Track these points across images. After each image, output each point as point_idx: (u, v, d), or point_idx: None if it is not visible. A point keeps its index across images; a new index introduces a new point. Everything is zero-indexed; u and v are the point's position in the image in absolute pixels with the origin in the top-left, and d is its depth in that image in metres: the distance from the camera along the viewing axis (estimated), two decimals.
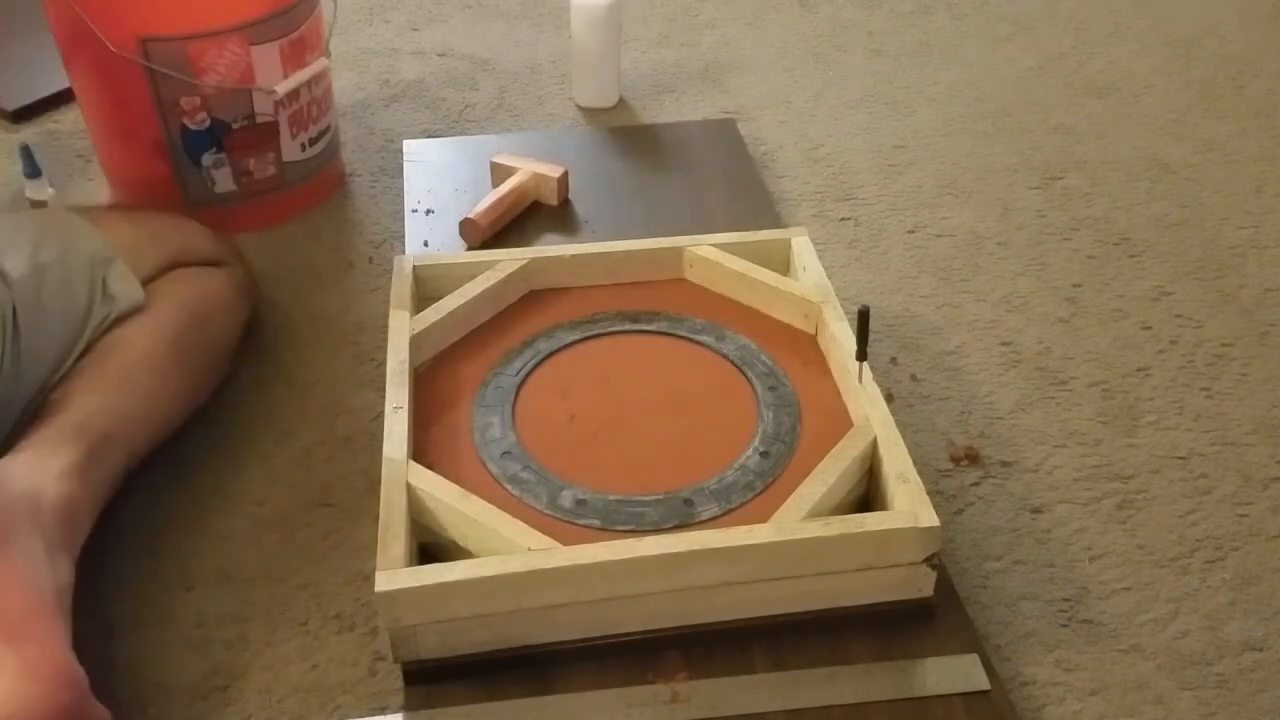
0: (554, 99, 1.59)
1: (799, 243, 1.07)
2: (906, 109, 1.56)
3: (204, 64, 1.18)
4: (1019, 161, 1.44)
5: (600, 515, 0.83)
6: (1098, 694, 0.83)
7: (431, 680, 0.79)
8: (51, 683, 0.71)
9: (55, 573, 0.77)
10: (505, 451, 0.88)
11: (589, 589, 0.77)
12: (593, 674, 0.79)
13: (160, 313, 0.97)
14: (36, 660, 0.71)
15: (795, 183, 1.40)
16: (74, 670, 0.73)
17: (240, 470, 0.99)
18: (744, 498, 0.85)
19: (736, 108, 1.57)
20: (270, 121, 1.25)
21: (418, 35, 1.76)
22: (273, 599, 0.88)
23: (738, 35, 1.77)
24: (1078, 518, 0.96)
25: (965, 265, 1.26)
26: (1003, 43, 1.74)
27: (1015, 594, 0.90)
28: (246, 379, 1.09)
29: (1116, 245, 1.29)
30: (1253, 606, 0.89)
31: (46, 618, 0.74)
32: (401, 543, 0.77)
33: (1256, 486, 1.00)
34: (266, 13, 1.20)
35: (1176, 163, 1.44)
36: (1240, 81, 1.62)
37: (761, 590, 0.80)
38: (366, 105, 1.57)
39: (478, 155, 1.35)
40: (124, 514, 0.94)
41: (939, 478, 1.00)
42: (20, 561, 0.75)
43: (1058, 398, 1.09)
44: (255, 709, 0.81)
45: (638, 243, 1.07)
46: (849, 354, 0.92)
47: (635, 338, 1.01)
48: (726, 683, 0.79)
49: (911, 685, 0.79)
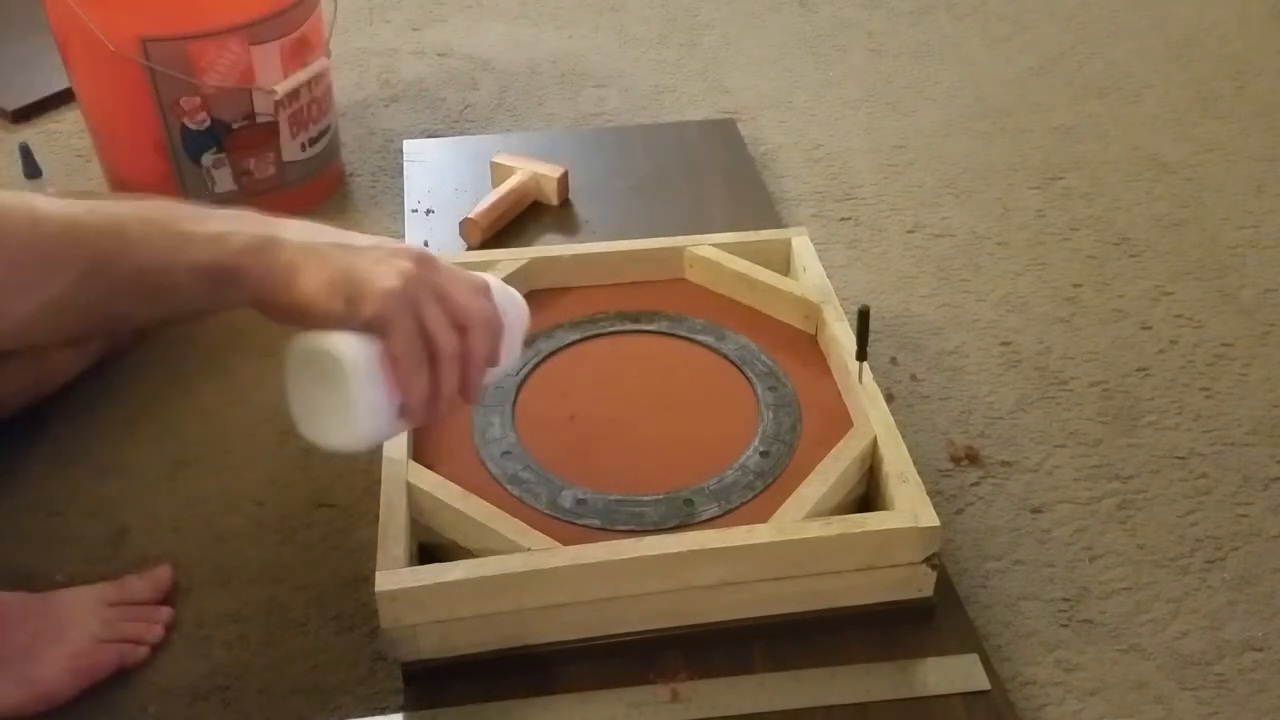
0: (554, 99, 1.59)
1: (799, 243, 1.07)
2: (906, 109, 1.56)
3: (204, 64, 1.18)
4: (1019, 161, 1.44)
5: (600, 515, 0.83)
6: (1098, 694, 0.83)
7: (431, 680, 0.79)
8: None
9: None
10: (505, 451, 0.88)
11: (589, 589, 0.77)
12: (593, 674, 0.79)
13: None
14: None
15: (795, 183, 1.40)
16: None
17: (240, 470, 0.99)
18: (744, 498, 0.85)
19: (736, 108, 1.57)
20: (270, 121, 1.25)
21: (418, 35, 1.76)
22: (273, 599, 0.88)
23: (738, 35, 1.77)
24: (1078, 518, 0.96)
25: (965, 265, 1.26)
26: (1003, 43, 1.74)
27: (1015, 594, 0.90)
28: (246, 378, 1.09)
29: (1116, 245, 1.29)
30: (1253, 606, 0.89)
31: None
32: (401, 543, 0.77)
33: (1256, 486, 0.99)
34: (266, 13, 1.20)
35: (1176, 163, 1.44)
36: (1240, 81, 1.62)
37: (761, 590, 0.80)
38: (366, 105, 1.57)
39: (478, 155, 1.35)
40: (124, 513, 0.94)
41: (939, 478, 1.00)
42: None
43: (1058, 398, 1.09)
44: (255, 709, 0.81)
45: (638, 243, 1.07)
46: (849, 354, 0.92)
47: (635, 338, 1.01)
48: (726, 683, 0.79)
49: (911, 685, 0.79)
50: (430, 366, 0.66)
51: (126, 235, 0.61)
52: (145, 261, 0.61)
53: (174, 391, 1.08)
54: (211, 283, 0.63)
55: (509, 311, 0.74)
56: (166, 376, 1.09)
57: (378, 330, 0.65)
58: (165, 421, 1.04)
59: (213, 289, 0.63)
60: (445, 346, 0.66)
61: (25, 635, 0.80)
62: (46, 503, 0.96)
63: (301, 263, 0.64)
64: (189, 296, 0.63)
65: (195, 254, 0.62)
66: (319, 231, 0.67)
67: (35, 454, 1.00)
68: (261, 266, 0.64)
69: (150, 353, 1.11)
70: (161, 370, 1.10)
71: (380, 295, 0.64)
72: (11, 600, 0.82)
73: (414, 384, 0.66)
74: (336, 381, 0.65)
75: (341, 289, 0.64)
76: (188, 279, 0.62)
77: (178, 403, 1.06)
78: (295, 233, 0.65)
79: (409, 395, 0.66)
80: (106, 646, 0.81)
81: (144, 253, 0.61)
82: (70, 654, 0.80)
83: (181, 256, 0.62)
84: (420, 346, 0.65)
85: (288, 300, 0.64)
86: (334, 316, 0.64)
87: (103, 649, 0.81)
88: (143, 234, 0.61)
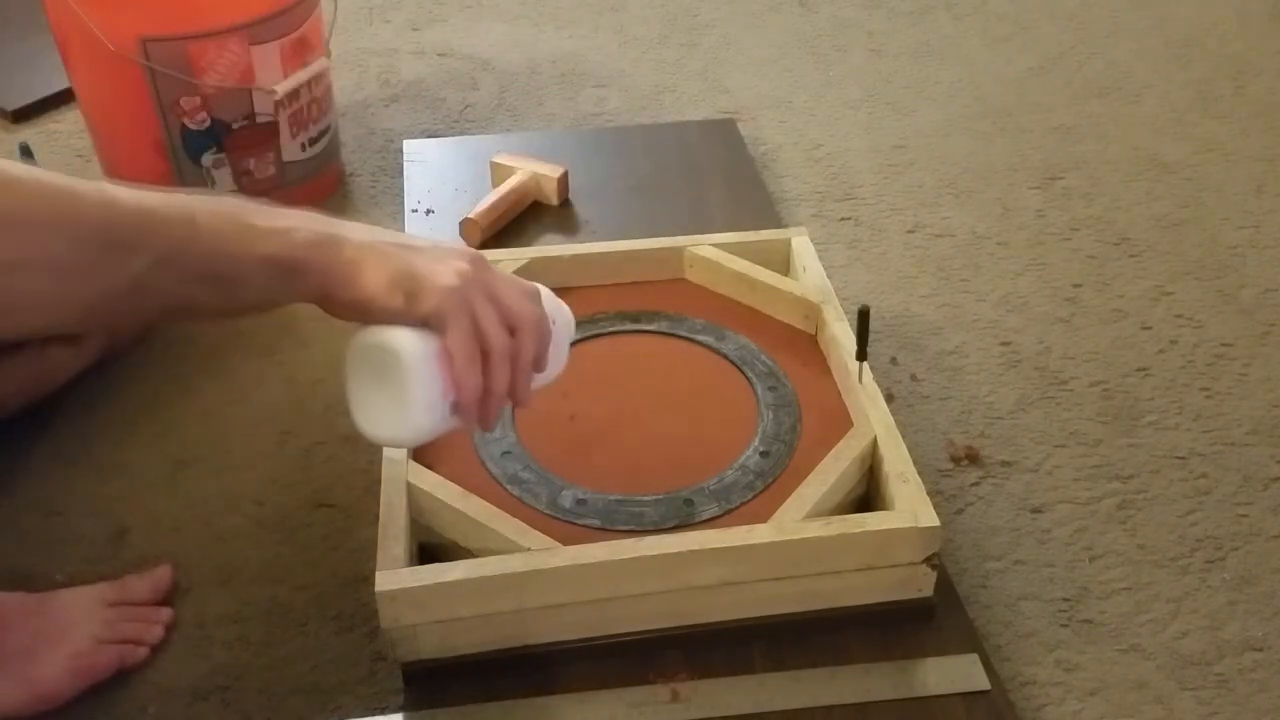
0: (554, 99, 1.59)
1: (799, 243, 1.07)
2: (906, 109, 1.56)
3: (204, 64, 1.18)
4: (1019, 161, 1.44)
5: (600, 515, 0.83)
6: (1098, 694, 0.83)
7: (431, 680, 0.79)
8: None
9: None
10: (505, 451, 0.88)
11: (589, 589, 0.77)
12: (593, 674, 0.79)
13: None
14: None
15: (795, 183, 1.40)
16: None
17: (240, 470, 0.99)
18: (744, 498, 0.85)
19: (736, 108, 1.57)
20: (270, 121, 1.25)
21: (418, 35, 1.76)
22: (273, 599, 0.88)
23: (738, 35, 1.77)
24: (1078, 518, 0.96)
25: (965, 265, 1.26)
26: (1003, 43, 1.74)
27: (1015, 594, 0.90)
28: (246, 378, 1.09)
29: (1116, 245, 1.29)
30: (1253, 606, 0.89)
31: None
32: (401, 543, 0.77)
33: (1256, 486, 0.99)
34: (266, 13, 1.20)
35: (1176, 163, 1.44)
36: (1240, 81, 1.62)
37: (761, 590, 0.80)
38: (366, 105, 1.57)
39: (478, 155, 1.35)
40: (124, 513, 0.94)
41: (939, 478, 1.00)
42: None
43: (1058, 398, 1.09)
44: (255, 709, 0.81)
45: (638, 243, 1.07)
46: (849, 354, 0.92)
47: (635, 338, 1.01)
48: (726, 683, 0.79)
49: (911, 685, 0.79)
50: (483, 364, 0.69)
51: (197, 224, 0.63)
52: (215, 250, 0.63)
53: (174, 391, 1.08)
54: (277, 275, 0.65)
55: (556, 320, 0.76)
56: (166, 376, 1.09)
57: (435, 326, 0.67)
58: (165, 421, 1.04)
59: (278, 281, 0.65)
60: (497, 345, 0.68)
61: (25, 636, 0.80)
62: (46, 503, 0.96)
63: (363, 259, 0.66)
64: (256, 287, 0.65)
65: (263, 246, 0.64)
66: (378, 232, 0.70)
67: (35, 454, 1.00)
68: (325, 261, 0.66)
69: (150, 353, 1.11)
70: (161, 370, 1.10)
71: (439, 292, 0.66)
72: (11, 600, 0.82)
73: (468, 379, 0.68)
74: (395, 375, 0.67)
75: (401, 285, 0.66)
76: (255, 270, 0.64)
77: (178, 403, 1.06)
78: (357, 232, 0.68)
79: (462, 391, 0.68)
80: (106, 647, 0.81)
81: (214, 242, 0.63)
82: (70, 654, 0.80)
83: (249, 248, 0.64)
84: (475, 343, 0.68)
85: (349, 296, 0.66)
86: (393, 311, 0.67)
87: (103, 649, 0.81)
88: (212, 225, 0.63)
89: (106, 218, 0.60)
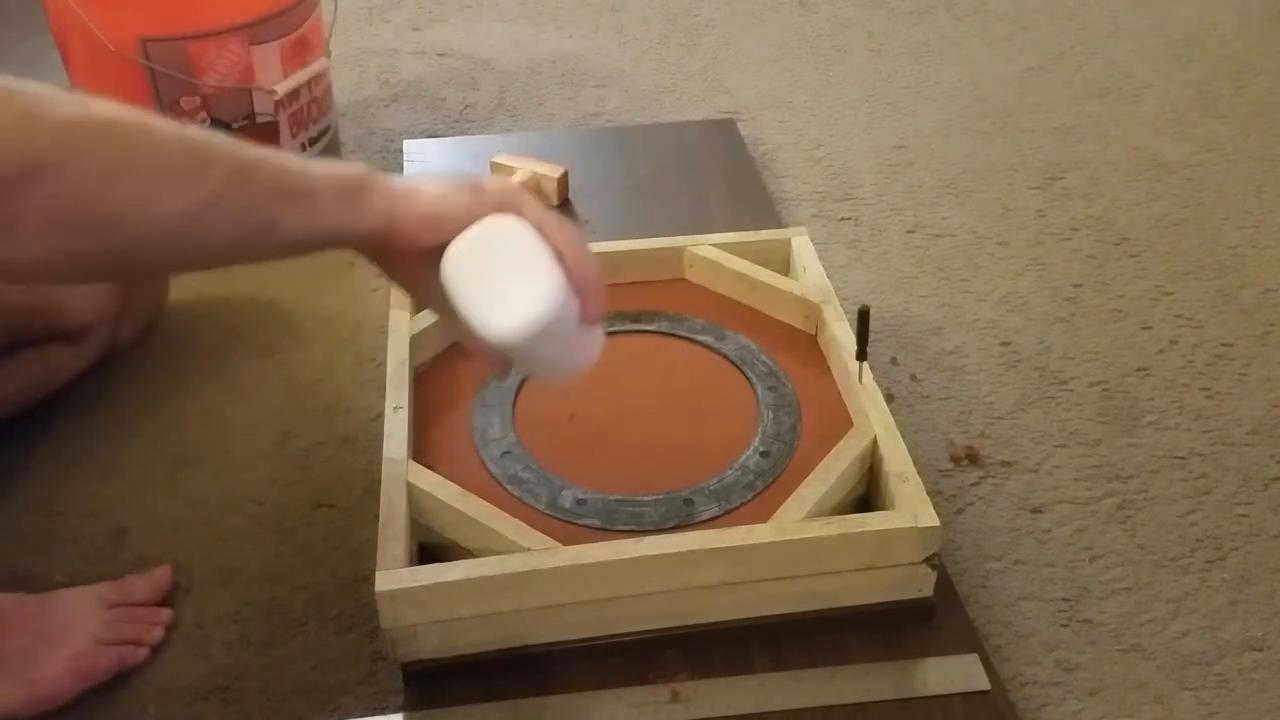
0: (554, 99, 1.59)
1: (799, 243, 1.07)
2: (906, 109, 1.56)
3: (204, 64, 1.18)
4: (1019, 161, 1.44)
5: (600, 515, 0.83)
6: (1098, 694, 0.83)
7: (431, 680, 0.79)
8: None
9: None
10: (505, 451, 0.88)
11: (589, 589, 0.77)
12: (593, 674, 0.79)
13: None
14: None
15: (795, 183, 1.40)
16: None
17: (240, 470, 0.99)
18: (744, 498, 0.85)
19: (736, 108, 1.57)
20: (270, 121, 1.25)
21: (418, 35, 1.76)
22: (273, 599, 0.88)
23: (738, 35, 1.77)
24: (1078, 518, 0.96)
25: (965, 265, 1.26)
26: (1003, 43, 1.74)
27: (1015, 594, 0.90)
28: (246, 378, 1.09)
29: (1116, 245, 1.29)
30: (1253, 606, 0.89)
31: None
32: (401, 543, 0.77)
33: (1256, 486, 1.00)
34: (266, 13, 1.20)
35: (1176, 163, 1.44)
36: (1240, 81, 1.62)
37: (761, 590, 0.80)
38: (366, 105, 1.57)
39: (478, 155, 1.35)
40: (124, 513, 0.94)
41: (939, 478, 1.00)
42: None
43: (1058, 398, 1.09)
44: (255, 709, 0.81)
45: (638, 243, 1.07)
46: (849, 354, 0.92)
47: (635, 338, 1.01)
48: (726, 683, 0.79)
49: (911, 685, 0.79)
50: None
51: (261, 150, 0.65)
52: (283, 167, 0.66)
53: (174, 391, 1.08)
54: (344, 195, 0.67)
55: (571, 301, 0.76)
56: (166, 376, 1.09)
57: (508, 209, 0.70)
58: (165, 421, 1.04)
59: (346, 202, 0.67)
60: (557, 235, 0.70)
61: (25, 636, 0.80)
62: (46, 503, 0.96)
63: (416, 181, 0.71)
64: (325, 210, 0.67)
65: (324, 169, 0.68)
66: None
67: (35, 454, 1.00)
68: (386, 184, 0.69)
69: (150, 353, 1.12)
70: (161, 370, 1.10)
71: (499, 187, 0.71)
72: (11, 601, 0.82)
73: (561, 236, 0.70)
74: (513, 246, 0.69)
75: (463, 187, 0.70)
76: (324, 186, 0.67)
77: (178, 403, 1.06)
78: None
79: (566, 248, 0.69)
80: (106, 648, 0.81)
81: (281, 161, 0.66)
82: (70, 655, 0.80)
83: (313, 169, 0.67)
84: (552, 215, 0.71)
85: (418, 208, 0.69)
86: (464, 208, 0.70)
87: (103, 650, 0.81)
88: (275, 154, 0.66)
89: (179, 134, 0.62)
